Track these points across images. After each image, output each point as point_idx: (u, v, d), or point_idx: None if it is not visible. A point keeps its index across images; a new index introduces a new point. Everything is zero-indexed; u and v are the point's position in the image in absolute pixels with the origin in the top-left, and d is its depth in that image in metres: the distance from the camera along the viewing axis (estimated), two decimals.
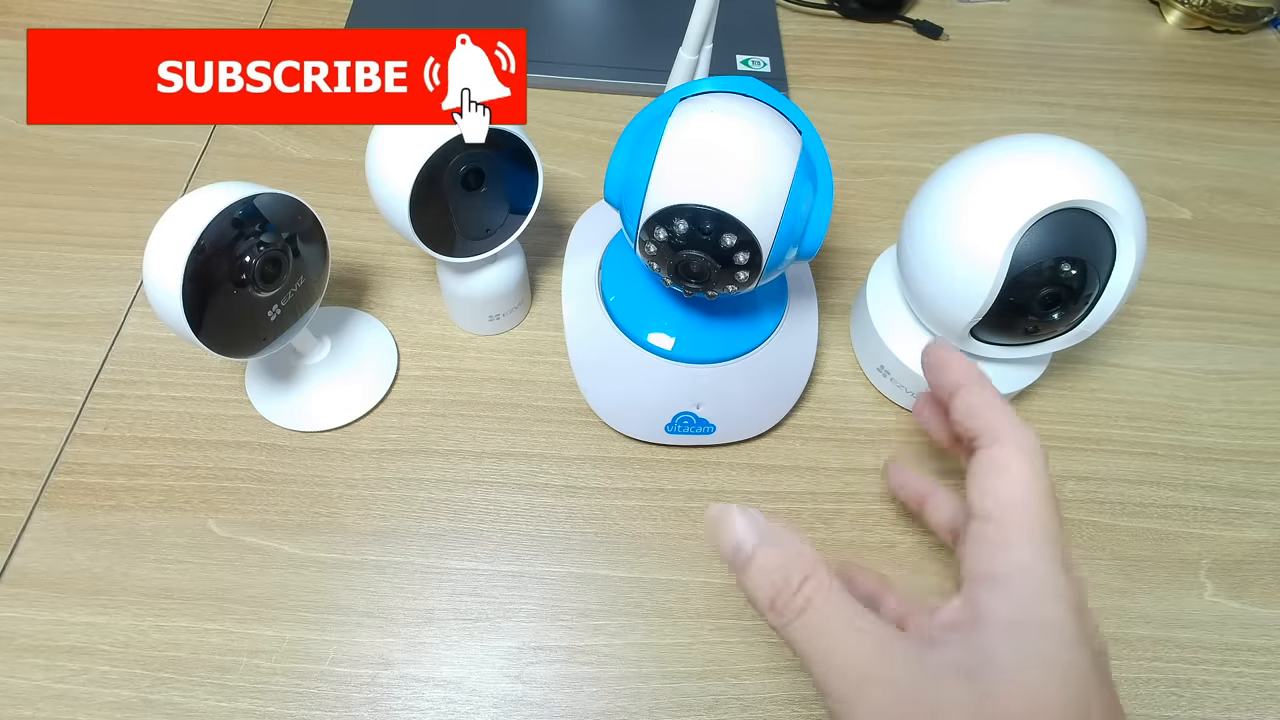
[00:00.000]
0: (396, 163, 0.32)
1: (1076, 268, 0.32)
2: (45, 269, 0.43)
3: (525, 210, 0.37)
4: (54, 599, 0.34)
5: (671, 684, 0.34)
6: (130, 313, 0.42)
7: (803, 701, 0.34)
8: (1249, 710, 0.35)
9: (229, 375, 0.40)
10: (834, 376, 0.43)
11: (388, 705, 0.33)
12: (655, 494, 0.38)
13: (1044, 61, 0.60)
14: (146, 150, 0.48)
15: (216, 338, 0.31)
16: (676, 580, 0.36)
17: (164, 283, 0.29)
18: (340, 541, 0.36)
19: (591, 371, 0.38)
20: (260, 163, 0.48)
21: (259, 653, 0.33)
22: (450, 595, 0.35)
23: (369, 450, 0.39)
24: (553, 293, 0.44)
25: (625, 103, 0.53)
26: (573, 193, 0.49)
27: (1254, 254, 0.51)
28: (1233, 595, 0.38)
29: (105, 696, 0.32)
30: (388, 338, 0.42)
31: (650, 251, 0.31)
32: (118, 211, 0.45)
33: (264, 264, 0.31)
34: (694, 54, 0.39)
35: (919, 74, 0.58)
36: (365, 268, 0.44)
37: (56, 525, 0.35)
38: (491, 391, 0.41)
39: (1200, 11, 0.63)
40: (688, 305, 0.37)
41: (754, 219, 0.29)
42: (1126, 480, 0.41)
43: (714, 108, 0.30)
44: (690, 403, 0.37)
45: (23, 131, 0.48)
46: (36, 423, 0.38)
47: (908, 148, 0.53)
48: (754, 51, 0.56)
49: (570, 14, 0.57)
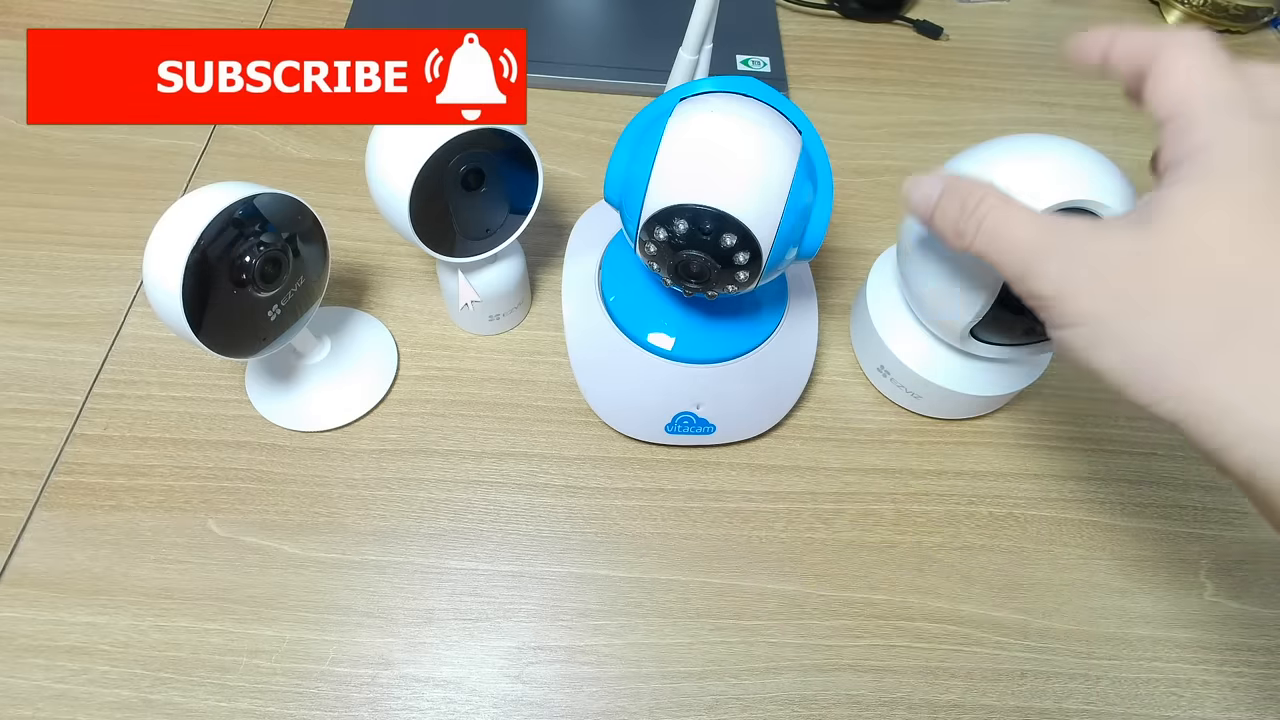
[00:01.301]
0: (396, 163, 0.32)
1: None
2: (45, 269, 0.43)
3: (525, 210, 0.37)
4: (54, 599, 0.34)
5: (671, 684, 0.34)
6: (130, 313, 0.42)
7: (802, 701, 0.34)
8: (1249, 710, 0.35)
9: (229, 375, 0.40)
10: (834, 376, 0.43)
11: (388, 705, 0.33)
12: (655, 494, 0.38)
13: (1044, 61, 0.60)
14: (146, 150, 0.48)
15: (216, 338, 0.31)
16: (676, 580, 0.36)
17: (164, 283, 0.29)
18: (340, 541, 0.36)
19: (591, 371, 0.38)
20: (260, 163, 0.48)
21: (259, 653, 0.33)
22: (450, 595, 0.35)
23: (369, 450, 0.39)
24: (553, 293, 0.44)
25: (625, 103, 0.53)
26: (573, 193, 0.49)
27: None
28: (1233, 595, 0.38)
29: (105, 696, 0.32)
30: (388, 338, 0.42)
31: (650, 251, 0.31)
32: (118, 211, 0.45)
33: (264, 264, 0.31)
34: (694, 54, 0.39)
35: (919, 74, 0.58)
36: (365, 268, 0.44)
37: (56, 525, 0.35)
38: (491, 391, 0.41)
39: (1200, 11, 0.63)
40: (688, 305, 0.37)
41: (754, 219, 0.29)
42: (1126, 480, 0.41)
43: (714, 108, 0.30)
44: (690, 403, 0.37)
45: (23, 131, 0.48)
46: (36, 423, 0.38)
47: (908, 148, 0.53)
48: (754, 51, 0.56)
49: (570, 14, 0.57)
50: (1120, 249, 0.23)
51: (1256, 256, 0.21)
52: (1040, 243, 0.24)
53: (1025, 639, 0.36)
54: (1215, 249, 0.22)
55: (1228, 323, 0.21)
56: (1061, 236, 0.24)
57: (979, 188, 0.26)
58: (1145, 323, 0.22)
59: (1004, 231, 0.25)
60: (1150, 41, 0.25)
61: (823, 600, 0.36)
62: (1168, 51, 0.24)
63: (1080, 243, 0.23)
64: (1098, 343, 0.23)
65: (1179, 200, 0.22)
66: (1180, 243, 0.22)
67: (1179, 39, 0.24)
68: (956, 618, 0.36)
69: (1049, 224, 0.24)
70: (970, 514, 0.39)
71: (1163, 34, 0.25)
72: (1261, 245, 0.21)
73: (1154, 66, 0.24)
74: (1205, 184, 0.22)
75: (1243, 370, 0.21)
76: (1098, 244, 0.23)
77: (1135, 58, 0.25)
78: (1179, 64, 0.24)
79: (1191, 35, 0.24)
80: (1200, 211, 0.22)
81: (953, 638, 0.36)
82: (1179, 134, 0.23)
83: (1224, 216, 0.22)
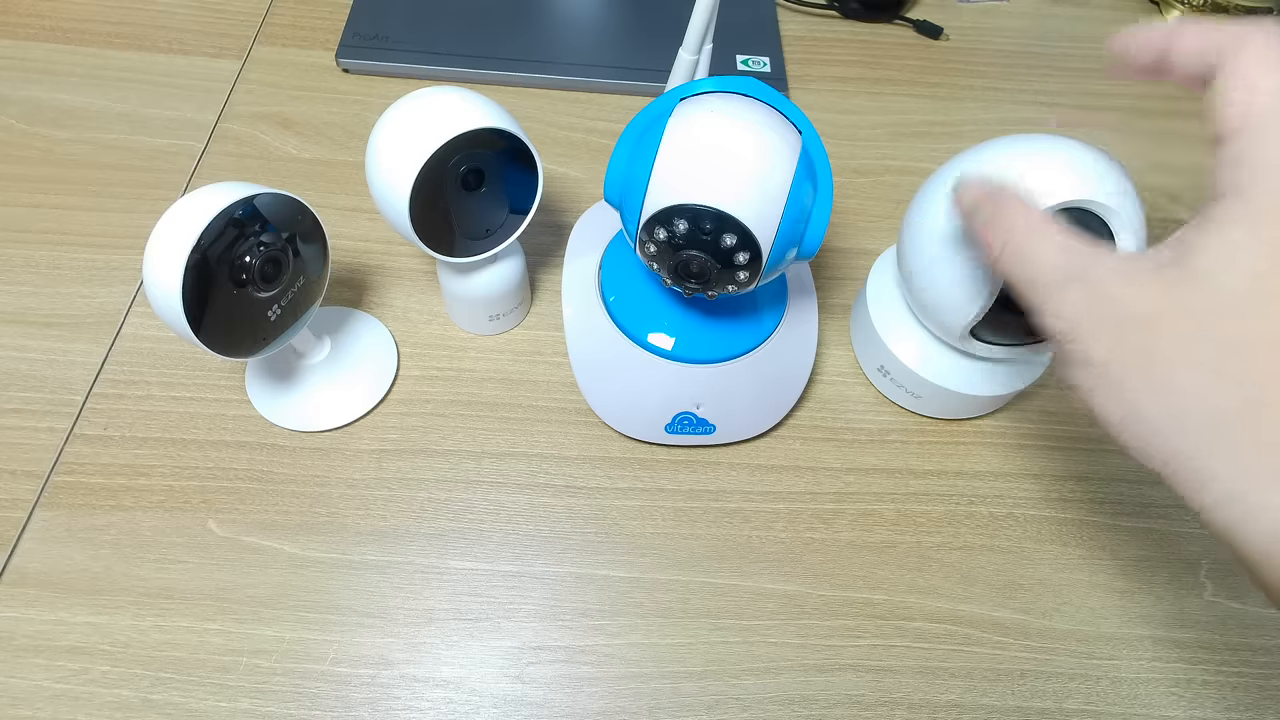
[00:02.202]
0: (396, 163, 0.32)
1: None
2: (45, 269, 0.43)
3: (525, 210, 0.37)
4: (54, 599, 0.34)
5: (671, 684, 0.34)
6: (130, 313, 0.42)
7: (802, 701, 0.34)
8: (1249, 710, 0.35)
9: (229, 375, 0.40)
10: (834, 376, 0.43)
11: (388, 705, 0.33)
12: (655, 494, 0.38)
13: (1044, 61, 0.60)
14: (146, 150, 0.48)
15: (216, 338, 0.31)
16: (676, 580, 0.36)
17: (164, 283, 0.29)
18: (340, 541, 0.36)
19: (591, 371, 0.38)
20: (260, 163, 0.48)
21: (259, 653, 0.33)
22: (450, 595, 0.35)
23: (369, 450, 0.39)
24: (553, 293, 0.44)
25: (625, 103, 0.53)
26: (573, 193, 0.49)
27: None
28: (1233, 595, 0.38)
29: (105, 696, 0.32)
30: (388, 338, 0.42)
31: (650, 251, 0.31)
32: (118, 211, 0.45)
33: (264, 264, 0.31)
34: (694, 54, 0.39)
35: (919, 74, 0.58)
36: (365, 268, 0.44)
37: (56, 525, 0.35)
38: (491, 391, 0.41)
39: (1200, 11, 0.63)
40: (688, 305, 0.37)
41: (754, 219, 0.29)
42: (1126, 480, 0.41)
43: (714, 108, 0.30)
44: (690, 403, 0.37)
45: (23, 131, 0.48)
46: (36, 423, 0.38)
47: (908, 148, 0.53)
48: (754, 51, 0.56)
49: (570, 14, 0.57)
50: (1146, 293, 0.21)
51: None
52: (1064, 273, 0.22)
53: (1025, 639, 0.36)
54: (1242, 311, 0.20)
55: (1233, 404, 0.20)
56: (1089, 270, 0.22)
57: (1018, 206, 0.25)
58: (1153, 384, 0.21)
59: (1029, 253, 0.24)
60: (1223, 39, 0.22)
61: (822, 600, 0.36)
62: (1243, 54, 0.21)
63: (1106, 282, 0.22)
64: (1101, 390, 0.22)
65: (1213, 246, 0.20)
66: (1204, 301, 0.20)
67: (1258, 38, 0.21)
68: (956, 618, 0.36)
69: (1079, 254, 0.23)
70: (970, 514, 0.39)
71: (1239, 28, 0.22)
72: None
73: (1222, 69, 0.22)
74: (1245, 229, 0.20)
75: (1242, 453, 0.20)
76: (1124, 287, 0.21)
77: (1203, 56, 0.22)
78: (1251, 73, 0.21)
79: (1273, 33, 0.21)
80: (1233, 263, 0.20)
81: (952, 638, 0.36)
82: (1232, 162, 0.21)
83: (1261, 268, 0.20)
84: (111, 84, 0.51)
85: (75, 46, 0.52)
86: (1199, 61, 0.23)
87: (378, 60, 0.52)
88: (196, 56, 0.53)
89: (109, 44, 0.53)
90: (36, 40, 0.52)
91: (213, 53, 0.53)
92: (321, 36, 0.55)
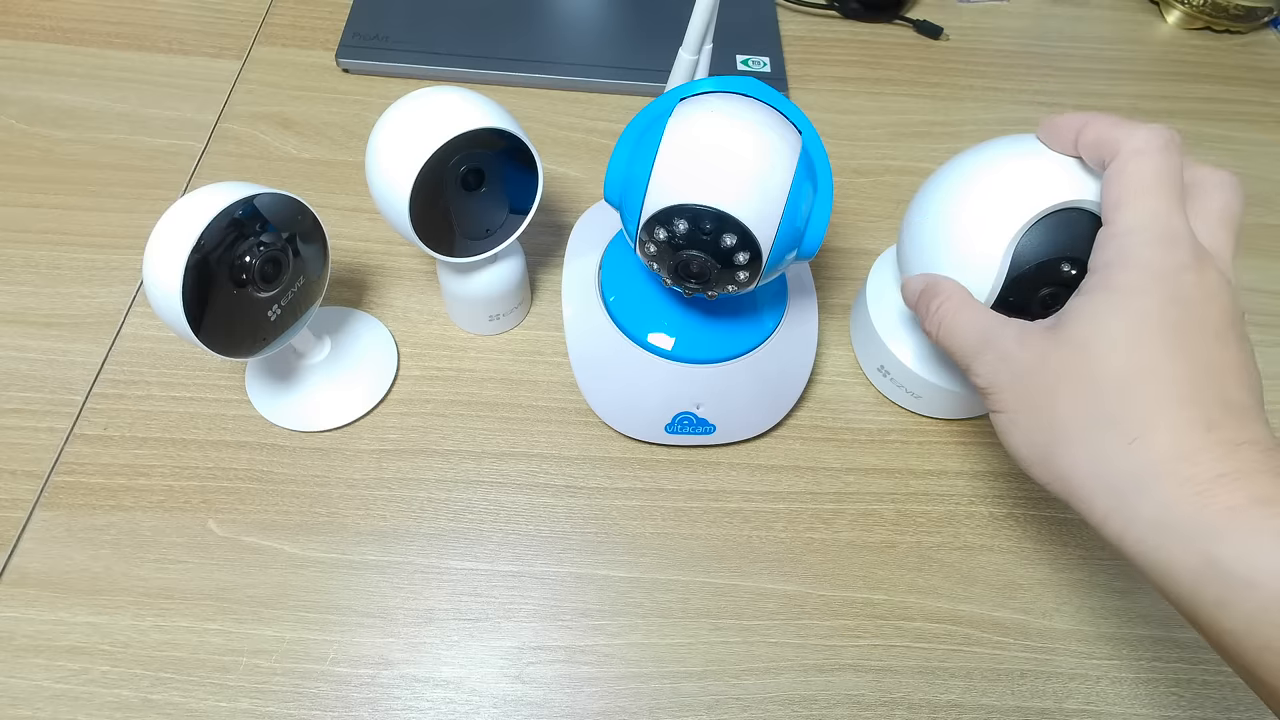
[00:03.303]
0: (396, 163, 0.32)
1: (1076, 268, 0.32)
2: (45, 269, 0.43)
3: (525, 210, 0.37)
4: (54, 599, 0.34)
5: (671, 684, 0.34)
6: (130, 313, 0.42)
7: (803, 701, 0.34)
8: (1249, 710, 0.35)
9: (229, 375, 0.40)
10: (834, 376, 0.43)
11: (388, 705, 0.33)
12: (655, 494, 0.38)
13: (1044, 61, 0.60)
14: (146, 150, 0.48)
15: (216, 338, 0.31)
16: (676, 580, 0.36)
17: (164, 283, 0.29)
18: (340, 541, 0.36)
19: (591, 371, 0.38)
20: (260, 163, 0.48)
21: (259, 653, 0.33)
22: (450, 595, 0.35)
23: (369, 450, 0.39)
24: (553, 293, 0.44)
25: (625, 103, 0.53)
26: (573, 193, 0.49)
27: (1254, 254, 0.51)
28: None
29: (105, 696, 0.32)
30: (388, 338, 0.42)
31: (650, 251, 0.31)
32: (118, 211, 0.45)
33: (264, 264, 0.31)
34: (694, 54, 0.39)
35: (919, 74, 0.58)
36: (365, 268, 0.44)
37: (56, 525, 0.35)
38: (491, 391, 0.41)
39: (1200, 11, 0.63)
40: (688, 305, 0.37)
41: (754, 219, 0.29)
42: None
43: (714, 108, 0.30)
44: (690, 403, 0.37)
45: (23, 131, 0.48)
46: (36, 423, 0.38)
47: (908, 148, 0.53)
48: (754, 51, 0.56)
49: (570, 14, 0.57)
50: (1033, 352, 0.27)
51: (1129, 361, 0.25)
52: (980, 342, 0.28)
53: (1025, 639, 0.36)
54: (1101, 354, 0.25)
55: (1095, 417, 0.25)
56: (996, 338, 0.28)
57: (946, 289, 0.31)
58: (1040, 416, 0.26)
59: (955, 330, 0.30)
60: (1113, 137, 0.27)
61: (822, 600, 0.36)
62: (1122, 153, 0.27)
63: (1007, 346, 0.28)
64: (1010, 429, 0.27)
65: (1084, 309, 0.26)
66: (1072, 350, 0.26)
67: (1135, 141, 0.26)
68: (956, 618, 0.36)
69: (989, 327, 0.29)
70: (970, 514, 0.39)
71: (1125, 130, 0.27)
72: (1137, 352, 0.25)
73: (1110, 165, 0.27)
74: (1107, 297, 0.25)
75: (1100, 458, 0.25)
76: (1019, 349, 0.27)
77: (1099, 149, 0.28)
78: (1126, 170, 0.26)
79: (1148, 137, 0.26)
80: (1097, 321, 0.25)
81: (952, 638, 0.36)
82: (1105, 240, 0.26)
83: (1116, 325, 0.25)
84: (111, 84, 0.51)
85: (75, 46, 0.52)
86: (1095, 153, 0.28)
87: (378, 60, 0.52)
88: (196, 56, 0.53)
89: (109, 44, 0.53)
90: (36, 40, 0.52)
91: (213, 53, 0.53)
92: (321, 36, 0.55)
